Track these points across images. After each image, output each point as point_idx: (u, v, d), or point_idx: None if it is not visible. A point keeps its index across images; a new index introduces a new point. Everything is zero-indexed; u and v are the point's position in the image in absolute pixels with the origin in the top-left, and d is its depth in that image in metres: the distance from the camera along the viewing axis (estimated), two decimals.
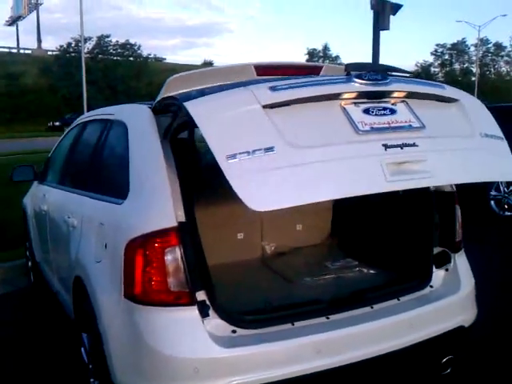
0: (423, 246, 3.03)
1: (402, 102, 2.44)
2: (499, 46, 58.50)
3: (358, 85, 2.36)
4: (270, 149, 2.07)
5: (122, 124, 3.04)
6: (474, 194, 7.91)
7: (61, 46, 48.65)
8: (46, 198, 4.37)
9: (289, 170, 2.07)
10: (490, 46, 58.58)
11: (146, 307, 2.34)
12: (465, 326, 2.85)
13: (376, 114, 2.34)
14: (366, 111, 2.33)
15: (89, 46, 46.95)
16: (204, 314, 2.33)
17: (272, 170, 2.05)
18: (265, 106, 2.19)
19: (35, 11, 54.33)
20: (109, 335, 2.51)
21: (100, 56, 48.37)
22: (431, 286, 2.91)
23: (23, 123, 37.33)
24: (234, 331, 2.38)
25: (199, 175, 2.73)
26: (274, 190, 2.04)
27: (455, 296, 2.87)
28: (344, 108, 2.31)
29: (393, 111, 2.39)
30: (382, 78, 2.42)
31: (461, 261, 3.04)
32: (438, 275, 2.97)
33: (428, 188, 3.04)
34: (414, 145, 2.28)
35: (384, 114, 2.36)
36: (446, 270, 2.99)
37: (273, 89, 2.26)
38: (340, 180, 2.17)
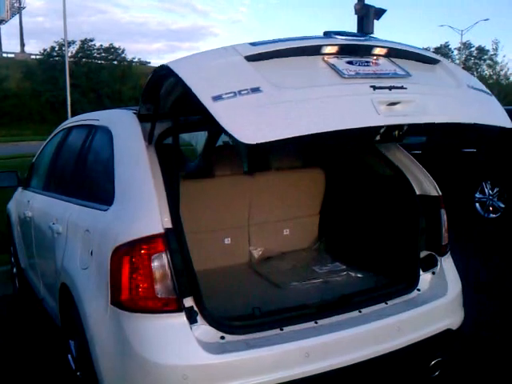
0: (410, 249, 3.04)
1: (385, 58, 2.44)
2: (482, 50, 58.88)
3: (339, 40, 2.37)
4: (256, 89, 2.05)
5: (106, 130, 3.02)
6: (459, 197, 8.01)
7: (44, 50, 48.14)
8: (31, 204, 4.32)
9: (277, 106, 2.05)
10: (472, 49, 59.02)
11: (134, 314, 2.31)
12: (452, 328, 2.86)
13: (359, 65, 2.34)
14: (350, 62, 2.33)
15: (72, 49, 46.56)
16: (192, 320, 2.31)
17: (260, 107, 2.02)
18: (247, 58, 2.18)
19: (18, 15, 53.85)
20: (96, 342, 2.49)
21: (84, 60, 47.94)
22: (418, 290, 2.93)
23: (6, 128, 36.85)
24: (222, 337, 2.36)
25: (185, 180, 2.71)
26: (263, 123, 2.00)
27: (442, 299, 2.88)
28: (327, 61, 2.32)
29: (376, 64, 2.39)
30: (362, 35, 2.44)
31: (447, 264, 3.06)
32: (425, 279, 2.98)
33: (414, 192, 3.06)
34: (402, 87, 2.27)
35: (368, 65, 2.36)
36: (433, 273, 3.01)
37: (253, 44, 2.29)
38: (330, 114, 2.12)
